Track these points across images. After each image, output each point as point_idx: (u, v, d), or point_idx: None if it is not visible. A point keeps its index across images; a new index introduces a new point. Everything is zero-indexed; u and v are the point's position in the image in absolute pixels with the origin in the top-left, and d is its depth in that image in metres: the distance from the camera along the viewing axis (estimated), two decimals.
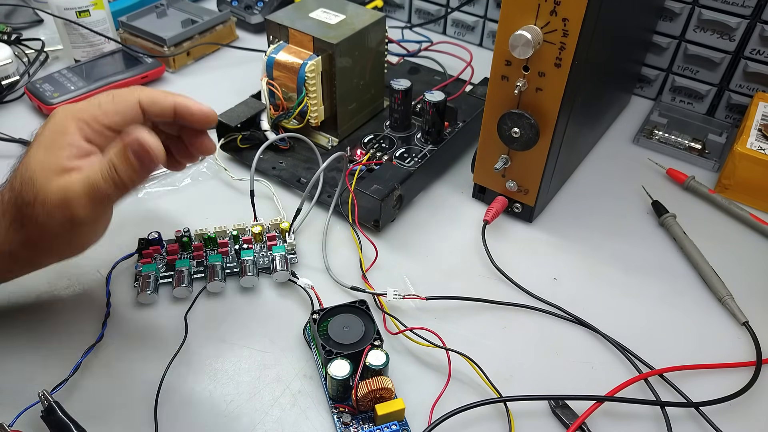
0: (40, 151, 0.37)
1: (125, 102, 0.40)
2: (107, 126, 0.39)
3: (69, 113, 0.39)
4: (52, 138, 0.38)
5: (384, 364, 0.40)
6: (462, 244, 0.54)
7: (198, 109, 0.42)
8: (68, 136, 0.38)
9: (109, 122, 0.39)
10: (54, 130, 0.38)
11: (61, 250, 0.41)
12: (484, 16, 0.80)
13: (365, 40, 0.58)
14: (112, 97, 0.40)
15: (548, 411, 0.41)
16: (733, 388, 0.42)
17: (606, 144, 0.66)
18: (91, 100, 0.40)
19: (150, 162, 0.37)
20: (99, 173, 0.37)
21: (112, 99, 0.40)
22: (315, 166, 0.57)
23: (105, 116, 0.39)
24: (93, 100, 0.40)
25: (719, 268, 0.50)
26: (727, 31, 0.63)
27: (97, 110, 0.39)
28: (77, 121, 0.38)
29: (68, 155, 0.37)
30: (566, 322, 0.48)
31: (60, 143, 0.37)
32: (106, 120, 0.39)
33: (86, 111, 0.39)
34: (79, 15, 0.71)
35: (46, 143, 0.38)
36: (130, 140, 0.36)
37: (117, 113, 0.39)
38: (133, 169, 0.37)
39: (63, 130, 0.38)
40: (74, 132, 0.38)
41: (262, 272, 0.50)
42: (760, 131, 0.58)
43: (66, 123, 0.38)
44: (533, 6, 0.43)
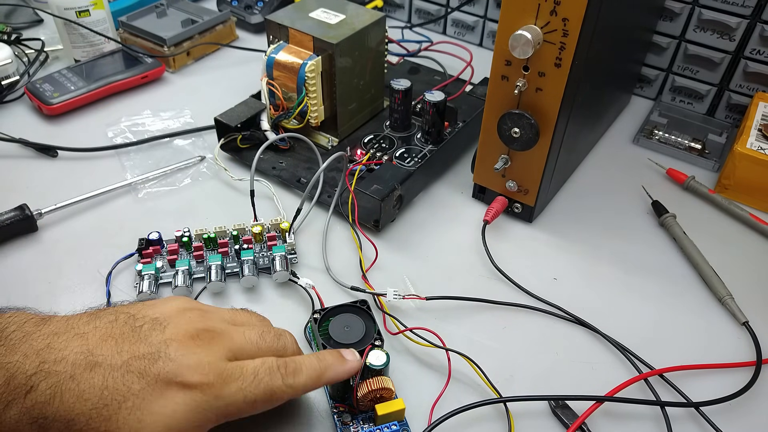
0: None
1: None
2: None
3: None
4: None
5: (384, 364, 0.40)
6: (462, 244, 0.54)
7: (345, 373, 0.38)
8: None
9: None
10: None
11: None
12: (484, 16, 0.80)
13: (365, 40, 0.58)
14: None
15: (548, 411, 0.41)
16: (733, 388, 0.42)
17: (606, 144, 0.66)
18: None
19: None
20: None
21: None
22: (315, 166, 0.57)
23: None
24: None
25: (719, 268, 0.50)
26: (727, 31, 0.63)
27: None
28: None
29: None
30: (566, 322, 0.48)
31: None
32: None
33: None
34: (79, 15, 0.71)
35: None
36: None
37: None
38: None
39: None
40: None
41: (262, 272, 0.50)
42: (760, 131, 0.58)
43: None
44: (533, 6, 0.43)
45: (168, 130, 0.65)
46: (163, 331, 0.34)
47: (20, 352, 0.32)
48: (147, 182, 0.58)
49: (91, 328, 0.34)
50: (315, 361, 0.37)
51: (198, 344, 0.34)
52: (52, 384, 0.31)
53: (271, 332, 0.38)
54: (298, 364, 0.36)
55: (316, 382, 0.37)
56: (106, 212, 0.56)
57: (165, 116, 0.67)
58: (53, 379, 0.31)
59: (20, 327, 0.33)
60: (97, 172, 0.60)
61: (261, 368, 0.35)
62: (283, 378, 0.35)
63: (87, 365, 0.32)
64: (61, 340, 0.32)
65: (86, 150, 0.62)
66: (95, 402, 0.31)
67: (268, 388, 0.34)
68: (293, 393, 0.36)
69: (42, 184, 0.58)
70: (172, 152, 0.63)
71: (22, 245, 0.52)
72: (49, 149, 0.61)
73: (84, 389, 0.31)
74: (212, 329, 0.35)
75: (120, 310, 0.35)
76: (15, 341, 0.32)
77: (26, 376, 0.31)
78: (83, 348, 0.32)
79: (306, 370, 0.36)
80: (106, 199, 0.57)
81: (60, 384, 0.31)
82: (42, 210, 0.53)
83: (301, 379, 0.36)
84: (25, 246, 0.52)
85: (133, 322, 0.34)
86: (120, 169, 0.60)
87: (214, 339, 0.35)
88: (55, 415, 0.30)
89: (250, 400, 0.34)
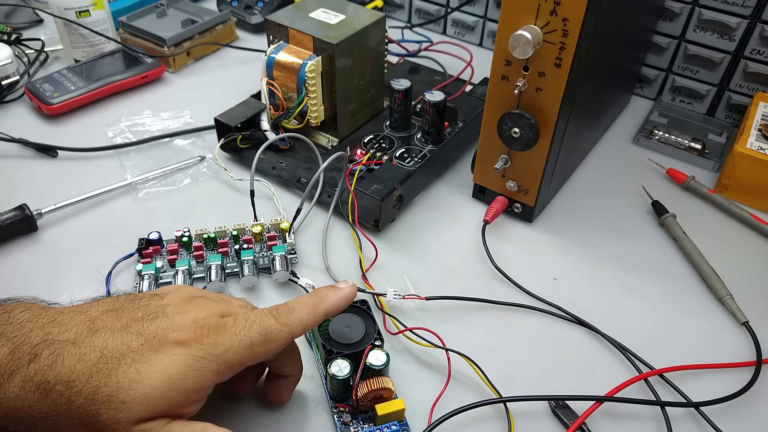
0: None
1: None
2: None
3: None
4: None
5: (384, 364, 0.39)
6: (462, 244, 0.54)
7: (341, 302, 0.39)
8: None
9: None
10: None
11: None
12: (484, 16, 0.80)
13: (365, 40, 0.58)
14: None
15: (548, 411, 0.41)
16: (733, 388, 0.42)
17: (606, 144, 0.66)
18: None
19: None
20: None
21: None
22: (315, 166, 0.57)
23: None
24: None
25: (719, 268, 0.50)
26: (727, 31, 0.63)
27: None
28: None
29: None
30: (566, 322, 0.48)
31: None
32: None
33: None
34: (79, 15, 0.71)
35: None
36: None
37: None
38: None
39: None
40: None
41: (262, 272, 0.50)
42: (760, 131, 0.58)
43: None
44: (533, 6, 0.43)
45: (168, 130, 0.65)
46: (162, 299, 0.36)
47: (26, 328, 0.33)
48: (147, 182, 0.58)
49: (94, 307, 0.35)
50: (307, 297, 0.38)
51: (194, 304, 0.35)
52: (54, 350, 0.32)
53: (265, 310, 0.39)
54: (289, 304, 0.37)
55: (312, 315, 0.37)
56: (106, 212, 0.56)
57: (165, 116, 0.67)
58: (55, 347, 0.32)
59: (27, 309, 0.34)
60: (97, 172, 0.60)
61: (252, 314, 0.36)
62: (277, 318, 0.36)
63: (89, 332, 0.33)
64: (66, 317, 0.34)
65: (86, 150, 0.62)
66: (95, 361, 0.31)
67: (262, 329, 0.35)
68: (289, 331, 0.36)
69: (42, 184, 0.58)
70: (172, 152, 0.63)
71: (22, 245, 0.52)
72: (49, 149, 0.61)
73: (84, 351, 0.32)
74: (208, 297, 0.37)
75: (122, 294, 0.37)
76: (22, 320, 0.33)
77: (30, 347, 0.32)
78: (86, 320, 0.34)
79: (299, 306, 0.37)
80: (106, 199, 0.57)
81: (62, 349, 0.32)
82: (42, 210, 0.53)
83: (296, 315, 0.36)
84: (25, 246, 0.52)
85: (134, 297, 0.36)
86: (120, 169, 0.60)
87: (210, 302, 0.36)
88: (56, 378, 0.31)
89: (246, 343, 0.34)
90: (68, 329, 0.33)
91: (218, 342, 0.33)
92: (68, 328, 0.33)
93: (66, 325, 0.33)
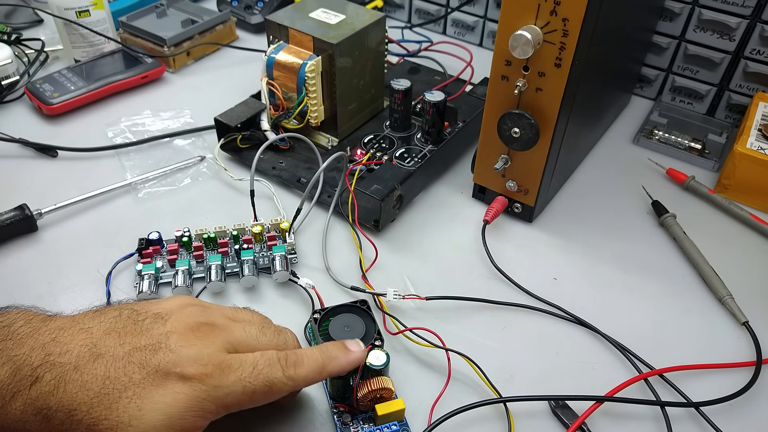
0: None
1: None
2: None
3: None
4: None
5: (384, 364, 0.39)
6: (462, 244, 0.54)
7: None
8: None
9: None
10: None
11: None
12: (484, 16, 0.80)
13: (365, 40, 0.58)
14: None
15: (548, 411, 0.41)
16: (733, 388, 0.42)
17: (606, 144, 0.66)
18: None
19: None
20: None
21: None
22: (315, 166, 0.57)
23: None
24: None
25: (719, 268, 0.50)
26: (727, 31, 0.63)
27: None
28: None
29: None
30: (566, 322, 0.48)
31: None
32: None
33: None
34: (79, 15, 0.71)
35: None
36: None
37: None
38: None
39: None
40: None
41: (262, 272, 0.50)
42: (760, 131, 0.58)
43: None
44: (533, 6, 0.43)
45: (168, 130, 0.65)
46: (164, 324, 0.34)
47: (27, 345, 0.32)
48: (147, 182, 0.58)
49: (96, 323, 0.34)
50: (317, 352, 0.37)
51: (198, 336, 0.34)
52: (56, 375, 0.31)
53: (271, 328, 0.38)
54: (299, 356, 0.36)
55: (318, 374, 0.36)
56: (106, 212, 0.56)
57: (165, 116, 0.67)
58: (57, 370, 0.32)
59: (27, 322, 0.34)
60: (97, 172, 0.60)
61: (260, 360, 0.35)
62: (284, 369, 0.35)
63: (90, 357, 0.32)
64: (67, 335, 0.33)
65: (86, 150, 0.62)
66: (97, 391, 0.31)
67: (268, 380, 0.34)
68: (294, 385, 0.35)
69: (42, 184, 0.58)
70: (172, 152, 0.63)
71: (22, 245, 0.52)
72: (49, 149, 0.61)
73: (87, 380, 0.31)
74: (212, 323, 0.36)
75: (124, 307, 0.36)
76: (22, 336, 0.33)
77: (32, 368, 0.31)
78: (87, 341, 0.33)
79: (308, 362, 0.36)
80: (106, 199, 0.57)
81: (64, 375, 0.31)
82: (42, 210, 0.53)
83: (303, 371, 0.35)
84: (25, 246, 0.52)
85: (136, 316, 0.35)
86: (120, 169, 0.60)
87: (214, 332, 0.35)
88: (58, 405, 0.31)
89: (249, 391, 0.34)
90: (70, 350, 0.32)
91: (221, 384, 0.33)
92: (69, 348, 0.32)
93: (67, 345, 0.33)
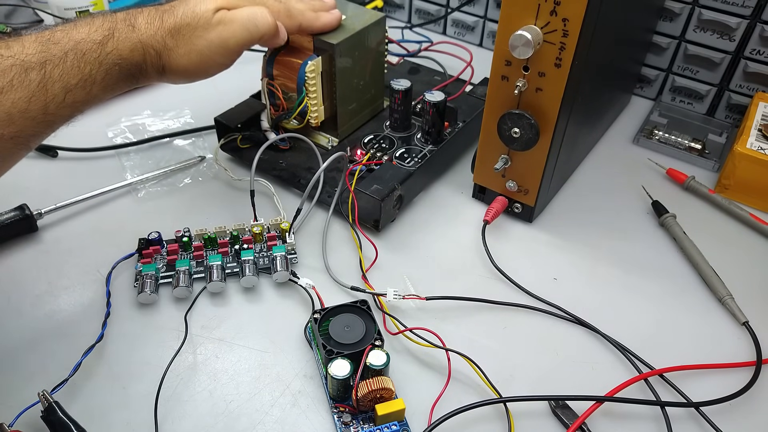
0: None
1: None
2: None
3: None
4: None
5: (384, 364, 0.40)
6: (462, 244, 0.54)
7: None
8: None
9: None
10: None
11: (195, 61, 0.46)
12: (484, 16, 0.80)
13: (365, 40, 0.58)
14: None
15: (548, 411, 0.42)
16: (733, 388, 0.42)
17: (606, 144, 0.66)
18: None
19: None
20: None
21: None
22: (315, 166, 0.57)
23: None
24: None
25: (719, 268, 0.50)
26: (727, 31, 0.63)
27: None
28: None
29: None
30: (566, 322, 0.48)
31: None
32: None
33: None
34: (79, 15, 0.71)
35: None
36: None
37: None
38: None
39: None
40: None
41: (262, 272, 0.50)
42: (760, 131, 0.58)
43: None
44: (533, 6, 0.43)
45: (168, 130, 0.65)
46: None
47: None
48: (147, 182, 0.58)
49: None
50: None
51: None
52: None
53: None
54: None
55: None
56: (106, 212, 0.56)
57: (165, 116, 0.67)
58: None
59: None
60: (97, 172, 0.60)
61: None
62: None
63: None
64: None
65: (86, 150, 0.62)
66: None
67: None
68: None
69: (42, 184, 0.58)
70: (172, 152, 0.63)
71: (22, 245, 0.52)
72: (49, 149, 0.61)
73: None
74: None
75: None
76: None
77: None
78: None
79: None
80: (106, 199, 0.57)
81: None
82: (42, 210, 0.53)
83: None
84: (25, 246, 0.52)
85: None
86: (120, 169, 0.60)
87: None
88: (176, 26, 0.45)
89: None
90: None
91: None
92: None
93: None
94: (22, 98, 0.37)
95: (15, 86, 0.37)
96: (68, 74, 0.39)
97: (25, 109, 0.38)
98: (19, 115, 0.37)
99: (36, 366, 0.43)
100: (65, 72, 0.39)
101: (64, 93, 0.39)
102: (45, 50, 0.39)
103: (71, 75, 0.40)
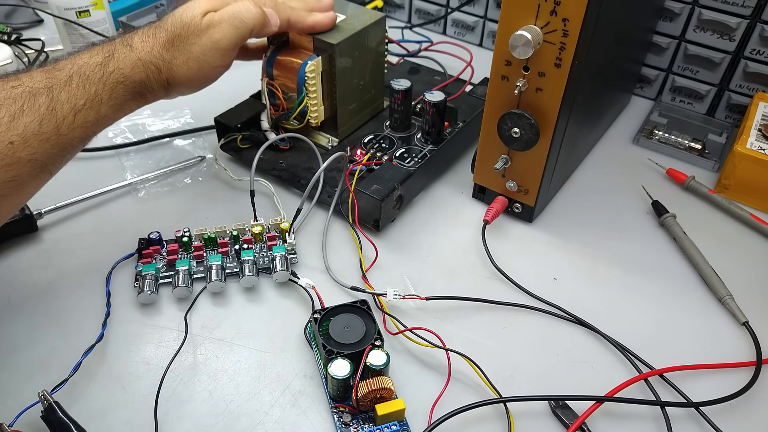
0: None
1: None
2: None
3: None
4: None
5: (385, 364, 0.40)
6: (462, 244, 0.54)
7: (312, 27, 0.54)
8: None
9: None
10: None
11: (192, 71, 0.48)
12: (484, 16, 0.80)
13: (365, 40, 0.58)
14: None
15: (548, 411, 0.42)
16: (733, 388, 0.42)
17: (606, 144, 0.66)
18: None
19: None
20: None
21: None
22: (315, 166, 0.57)
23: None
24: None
25: (719, 268, 0.50)
26: (727, 31, 0.63)
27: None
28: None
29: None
30: (566, 322, 0.48)
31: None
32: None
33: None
34: (79, 15, 0.71)
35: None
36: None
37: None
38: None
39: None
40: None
41: (262, 272, 0.50)
42: (760, 131, 0.58)
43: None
44: (533, 6, 0.43)
45: (168, 130, 0.65)
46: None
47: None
48: (147, 182, 0.58)
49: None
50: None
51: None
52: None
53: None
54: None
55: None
56: (106, 212, 0.56)
57: (165, 116, 0.67)
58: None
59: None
60: (97, 172, 0.60)
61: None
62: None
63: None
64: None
65: (86, 150, 0.61)
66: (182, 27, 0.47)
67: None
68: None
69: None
70: (172, 152, 0.63)
71: (22, 245, 0.52)
72: None
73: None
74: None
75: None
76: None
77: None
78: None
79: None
80: (106, 199, 0.57)
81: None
82: (42, 210, 0.53)
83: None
84: (25, 246, 0.52)
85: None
86: (120, 169, 0.60)
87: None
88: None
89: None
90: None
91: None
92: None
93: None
94: (33, 121, 0.39)
95: (26, 111, 0.39)
96: (75, 96, 0.41)
97: (38, 131, 0.40)
98: (33, 137, 0.39)
99: (36, 366, 0.43)
100: (72, 94, 0.41)
101: (73, 114, 0.41)
102: (51, 77, 0.41)
103: (78, 96, 0.42)
